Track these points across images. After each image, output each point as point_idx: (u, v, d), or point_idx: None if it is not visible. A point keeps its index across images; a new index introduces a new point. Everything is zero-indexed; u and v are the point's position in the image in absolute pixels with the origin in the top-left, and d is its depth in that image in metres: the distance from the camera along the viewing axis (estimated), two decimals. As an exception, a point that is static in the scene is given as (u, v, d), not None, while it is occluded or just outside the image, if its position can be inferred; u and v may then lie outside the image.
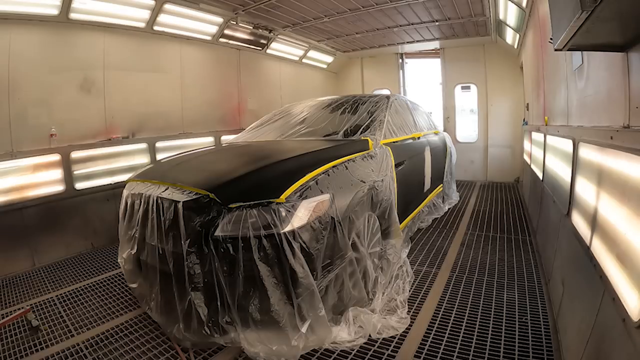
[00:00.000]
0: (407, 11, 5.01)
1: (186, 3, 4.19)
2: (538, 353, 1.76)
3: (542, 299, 2.28)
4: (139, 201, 2.11)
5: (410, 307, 2.25)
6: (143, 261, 2.10)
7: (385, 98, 3.40)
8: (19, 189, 3.23)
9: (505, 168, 6.61)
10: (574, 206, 1.84)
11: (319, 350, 1.87)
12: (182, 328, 1.83)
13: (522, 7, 3.80)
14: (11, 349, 2.02)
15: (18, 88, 3.22)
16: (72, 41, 3.61)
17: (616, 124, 1.46)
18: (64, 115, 3.56)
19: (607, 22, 1.07)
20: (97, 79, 3.83)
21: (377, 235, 2.43)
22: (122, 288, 2.75)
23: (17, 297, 2.69)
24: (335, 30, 5.89)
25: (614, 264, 1.20)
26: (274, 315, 1.66)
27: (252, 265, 1.65)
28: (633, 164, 1.12)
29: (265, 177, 1.94)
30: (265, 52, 6.01)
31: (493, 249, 3.22)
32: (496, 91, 6.59)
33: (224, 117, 5.47)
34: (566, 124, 2.45)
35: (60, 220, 3.52)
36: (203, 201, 1.79)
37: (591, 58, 1.82)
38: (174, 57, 4.67)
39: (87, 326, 2.23)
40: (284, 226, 1.69)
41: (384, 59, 7.68)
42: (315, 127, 3.06)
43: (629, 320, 1.01)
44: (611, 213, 1.29)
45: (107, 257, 3.46)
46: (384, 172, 2.55)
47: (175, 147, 4.43)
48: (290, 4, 4.54)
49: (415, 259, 3.07)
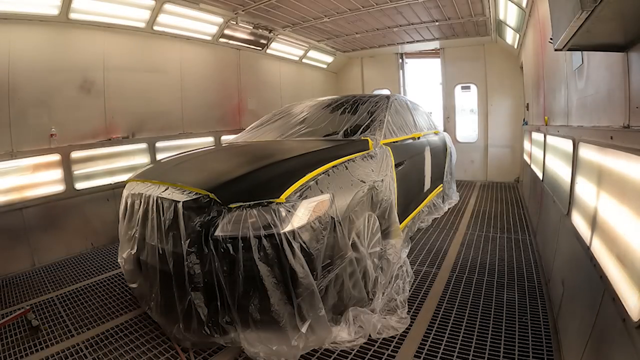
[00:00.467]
0: (407, 11, 5.01)
1: (186, 3, 4.19)
2: (538, 353, 1.76)
3: (542, 299, 2.28)
4: (139, 201, 2.11)
5: (410, 307, 2.25)
6: (143, 261, 2.10)
7: (385, 98, 3.40)
8: (19, 189, 3.23)
9: (505, 168, 6.61)
10: (574, 206, 1.84)
11: (319, 350, 1.87)
12: (182, 328, 1.83)
13: (522, 7, 3.80)
14: (11, 349, 2.02)
15: (18, 88, 3.22)
16: (72, 41, 3.61)
17: (616, 124, 1.46)
18: (64, 115, 3.56)
19: (607, 22, 1.06)
20: (97, 79, 3.83)
21: (377, 235, 2.43)
22: (122, 288, 2.75)
23: (17, 297, 2.69)
24: (335, 30, 5.89)
25: (614, 264, 1.20)
26: (274, 315, 1.66)
27: (252, 265, 1.65)
28: (633, 164, 1.12)
29: (265, 177, 1.94)
30: (265, 52, 6.01)
31: (493, 249, 3.22)
32: (496, 91, 6.59)
33: (224, 117, 5.47)
34: (566, 124, 2.45)
35: (60, 220, 3.52)
36: (203, 201, 1.78)
37: (591, 58, 1.82)
38: (174, 57, 4.67)
39: (87, 326, 2.23)
40: (284, 226, 1.69)
41: (384, 59, 7.68)
42: (315, 127, 3.06)
43: (629, 320, 1.01)
44: (611, 213, 1.29)
45: (107, 257, 3.46)
46: (384, 172, 2.55)
47: (175, 147, 4.44)
48: (290, 4, 4.54)
49: (415, 259, 3.07)
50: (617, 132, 1.32)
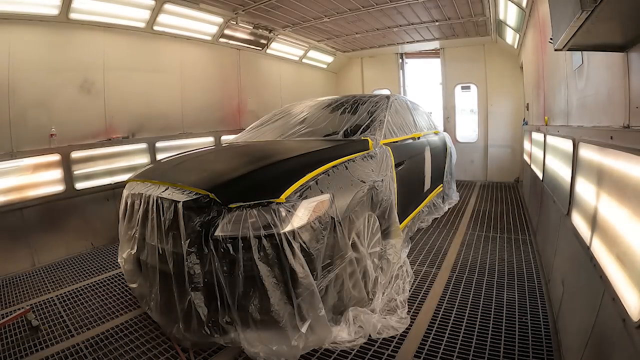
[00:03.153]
0: (407, 11, 5.01)
1: (186, 3, 4.19)
2: (538, 353, 1.76)
3: (542, 299, 2.28)
4: (139, 201, 2.11)
5: (410, 307, 2.25)
6: (143, 261, 2.10)
7: (385, 98, 3.39)
8: (19, 189, 3.23)
9: (505, 168, 6.61)
10: (574, 206, 1.84)
11: (319, 350, 1.87)
12: (182, 328, 1.83)
13: (522, 7, 3.80)
14: (11, 349, 2.02)
15: (18, 88, 3.22)
16: (72, 41, 3.61)
17: (616, 124, 1.46)
18: (64, 115, 3.56)
19: (607, 22, 1.07)
20: (97, 79, 3.83)
21: (377, 235, 2.43)
22: (122, 288, 2.75)
23: (17, 297, 2.69)
24: (335, 30, 5.89)
25: (614, 264, 1.20)
26: (274, 315, 1.66)
27: (252, 265, 1.65)
28: (633, 164, 1.12)
29: (265, 177, 1.94)
30: (265, 52, 6.01)
31: (493, 249, 3.22)
32: (496, 91, 6.59)
33: (223, 117, 5.46)
34: (566, 124, 2.45)
35: (60, 220, 3.52)
36: (203, 201, 1.78)
37: (591, 58, 1.82)
38: (174, 57, 4.67)
39: (87, 326, 2.23)
40: (284, 226, 1.69)
41: (384, 59, 7.68)
42: (315, 127, 3.06)
43: (629, 320, 1.01)
44: (611, 213, 1.29)
45: (107, 257, 3.46)
46: (384, 172, 2.55)
47: (175, 147, 4.43)
48: (290, 4, 4.54)
49: (415, 259, 3.07)
50: (617, 132, 1.32)
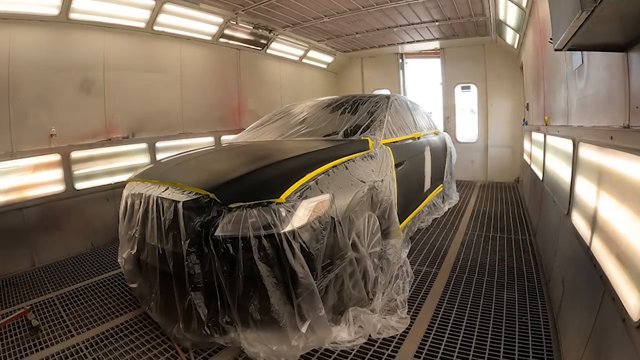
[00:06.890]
0: (407, 11, 5.01)
1: (186, 3, 4.19)
2: (538, 353, 1.76)
3: (542, 299, 2.28)
4: (139, 201, 2.11)
5: (410, 307, 2.25)
6: (143, 261, 2.10)
7: (385, 98, 3.40)
8: (19, 189, 3.23)
9: (505, 168, 6.61)
10: (573, 206, 1.84)
11: (319, 350, 1.87)
12: (182, 328, 1.83)
13: (522, 7, 3.80)
14: (11, 349, 2.02)
15: (18, 88, 3.21)
16: (72, 41, 3.60)
17: (616, 124, 1.46)
18: (64, 115, 3.56)
19: (607, 22, 1.06)
20: (97, 79, 3.83)
21: (377, 235, 2.43)
22: (122, 288, 2.75)
23: (17, 297, 2.69)
24: (335, 30, 5.89)
25: (614, 264, 1.20)
26: (274, 315, 1.66)
27: (252, 265, 1.65)
28: (633, 164, 1.12)
29: (265, 177, 1.94)
30: (265, 52, 6.01)
31: (493, 249, 3.22)
32: (496, 91, 6.59)
33: (224, 117, 5.46)
34: (566, 124, 2.45)
35: (60, 220, 3.52)
36: (203, 201, 1.79)
37: (591, 58, 1.82)
38: (174, 57, 4.67)
39: (87, 326, 2.23)
40: (284, 226, 1.69)
41: (384, 59, 7.68)
42: (315, 127, 3.06)
43: (629, 320, 1.01)
44: (611, 213, 1.29)
45: (107, 257, 3.46)
46: (384, 172, 2.55)
47: (175, 147, 4.43)
48: (290, 4, 4.54)
49: (415, 259, 3.07)
50: (617, 132, 1.32)
